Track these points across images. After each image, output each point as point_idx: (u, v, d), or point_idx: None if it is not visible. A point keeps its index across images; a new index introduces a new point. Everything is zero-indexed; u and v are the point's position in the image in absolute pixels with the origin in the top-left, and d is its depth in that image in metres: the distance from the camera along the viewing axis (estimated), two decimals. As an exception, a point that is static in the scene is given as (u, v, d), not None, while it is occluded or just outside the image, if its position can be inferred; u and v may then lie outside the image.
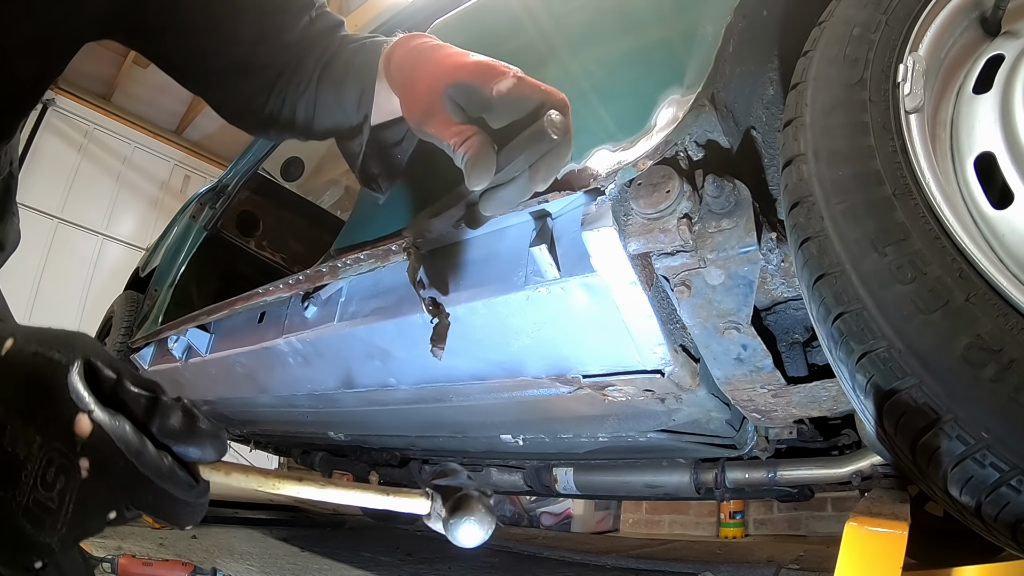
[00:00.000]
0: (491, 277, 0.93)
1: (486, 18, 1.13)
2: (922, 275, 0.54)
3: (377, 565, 1.87)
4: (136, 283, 2.70)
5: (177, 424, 0.37)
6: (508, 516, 3.87)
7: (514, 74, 0.55)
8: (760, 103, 0.87)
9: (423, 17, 1.52)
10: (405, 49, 0.66)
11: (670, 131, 0.74)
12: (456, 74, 0.56)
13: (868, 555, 0.55)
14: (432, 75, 0.57)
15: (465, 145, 0.53)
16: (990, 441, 0.49)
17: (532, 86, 0.55)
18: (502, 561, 2.12)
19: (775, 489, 1.20)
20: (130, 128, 5.84)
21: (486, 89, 0.54)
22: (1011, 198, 0.58)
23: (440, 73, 0.57)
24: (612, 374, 0.93)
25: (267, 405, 1.78)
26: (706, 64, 0.73)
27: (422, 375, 1.17)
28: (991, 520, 0.51)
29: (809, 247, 0.62)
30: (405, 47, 0.66)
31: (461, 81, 0.55)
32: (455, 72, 0.56)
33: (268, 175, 2.56)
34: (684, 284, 0.79)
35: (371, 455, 2.13)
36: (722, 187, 0.74)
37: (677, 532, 3.39)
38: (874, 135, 0.61)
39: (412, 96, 0.60)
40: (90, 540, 1.71)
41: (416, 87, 0.59)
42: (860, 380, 0.57)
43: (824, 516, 2.93)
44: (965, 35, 0.68)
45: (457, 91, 0.55)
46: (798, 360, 0.94)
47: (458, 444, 1.60)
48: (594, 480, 1.46)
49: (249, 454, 3.21)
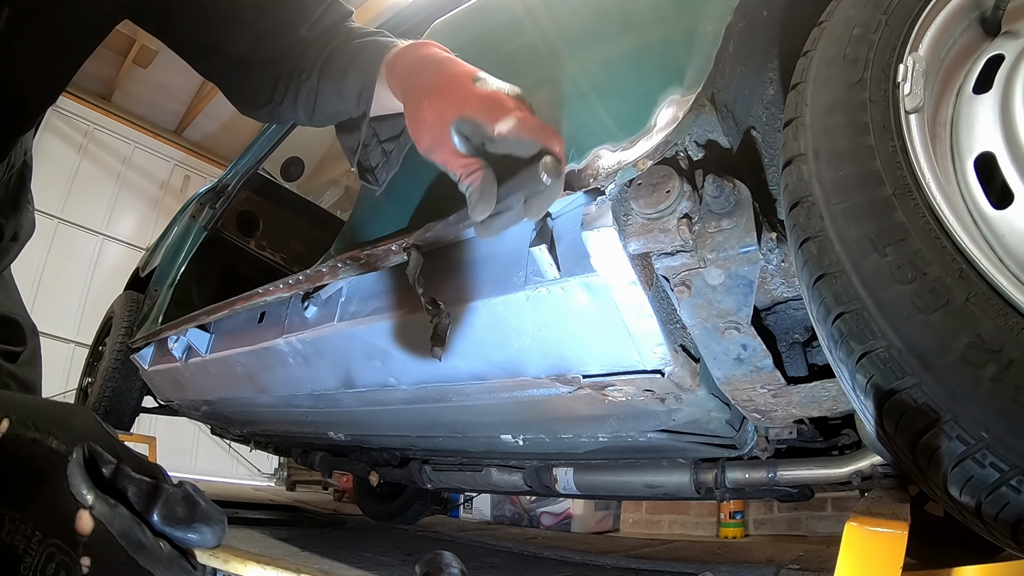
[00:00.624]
0: (491, 277, 0.93)
1: (486, 18, 1.12)
2: (922, 275, 0.54)
3: (377, 565, 1.86)
4: (136, 283, 2.70)
5: (179, 512, 0.37)
6: (508, 516, 3.87)
7: (516, 112, 0.57)
8: (760, 103, 0.87)
9: (423, 17, 1.52)
10: (410, 60, 0.66)
11: (670, 131, 0.74)
12: (461, 109, 0.58)
13: (868, 555, 0.55)
14: (438, 107, 0.59)
15: (471, 178, 0.56)
16: (990, 441, 0.49)
17: (531, 129, 0.57)
18: (502, 561, 2.12)
19: (775, 489, 1.20)
20: (130, 128, 5.84)
21: (488, 128, 0.56)
22: (1011, 198, 0.58)
23: (445, 106, 0.59)
24: (612, 374, 0.93)
25: (267, 405, 1.78)
26: (706, 64, 0.73)
27: (422, 375, 1.17)
28: (991, 520, 0.51)
29: (809, 247, 0.62)
30: (410, 57, 0.66)
31: (466, 117, 0.57)
32: (460, 107, 0.58)
33: (268, 175, 2.56)
34: (684, 284, 0.79)
35: (371, 455, 2.13)
36: (722, 187, 0.74)
37: (677, 532, 3.39)
38: (874, 135, 0.61)
39: (418, 122, 0.61)
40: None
41: (422, 114, 0.60)
42: (860, 380, 0.57)
43: (824, 516, 2.93)
44: (965, 35, 0.68)
45: (462, 124, 0.58)
46: (798, 360, 0.94)
47: (458, 444, 1.60)
48: (594, 480, 1.45)
49: (249, 454, 3.21)
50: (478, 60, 0.64)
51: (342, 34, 0.76)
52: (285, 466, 6.21)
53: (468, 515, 4.10)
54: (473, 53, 1.02)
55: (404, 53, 0.68)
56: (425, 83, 0.62)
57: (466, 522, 3.94)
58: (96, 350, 2.90)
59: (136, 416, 2.71)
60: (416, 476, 1.88)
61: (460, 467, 1.80)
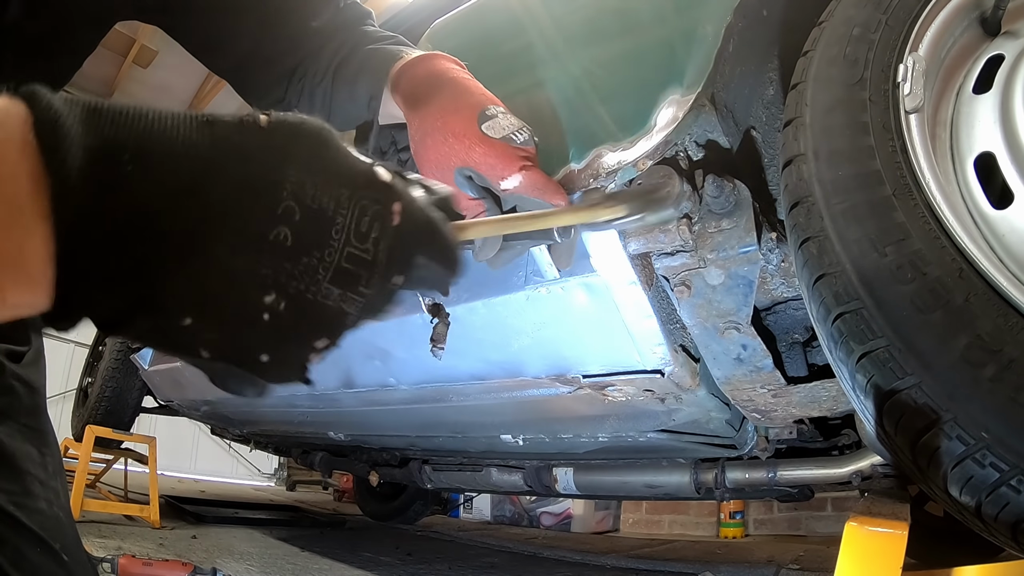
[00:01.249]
0: (491, 277, 0.93)
1: (486, 18, 1.12)
2: (922, 275, 0.54)
3: (377, 565, 1.87)
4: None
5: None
6: (508, 516, 3.87)
7: (523, 170, 0.56)
8: (760, 103, 0.87)
9: (423, 17, 1.52)
10: (416, 77, 0.63)
11: (670, 131, 0.74)
12: (465, 159, 0.57)
13: (868, 555, 0.55)
14: (441, 152, 0.58)
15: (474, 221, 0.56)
16: (990, 441, 0.49)
17: (537, 187, 0.56)
18: (502, 561, 2.12)
19: (775, 489, 1.21)
20: (130, 128, 5.83)
21: (493, 181, 0.56)
22: (1011, 198, 0.58)
23: (449, 152, 0.57)
24: (612, 374, 0.93)
25: (267, 405, 1.78)
26: (706, 64, 0.73)
27: (422, 375, 1.17)
28: (991, 520, 0.51)
29: (809, 247, 0.62)
30: (416, 74, 0.64)
31: (469, 167, 0.57)
32: (464, 156, 0.57)
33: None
34: (684, 284, 0.79)
35: (371, 455, 2.13)
36: (722, 187, 0.74)
37: (677, 532, 3.39)
38: (874, 135, 0.61)
39: (421, 158, 0.60)
40: (90, 540, 1.71)
41: (426, 153, 0.59)
42: (860, 380, 0.57)
43: (824, 516, 2.93)
44: (965, 35, 0.68)
45: (466, 170, 0.57)
46: (798, 360, 0.94)
47: (458, 444, 1.60)
48: (594, 480, 1.46)
49: (249, 454, 3.21)
50: (478, 60, 0.64)
51: (357, 36, 0.74)
52: (285, 466, 6.22)
53: (468, 515, 4.11)
54: (473, 53, 1.02)
55: (410, 68, 0.65)
56: (431, 115, 0.59)
57: (466, 522, 3.94)
58: (96, 350, 2.91)
59: (136, 416, 2.72)
60: (416, 476, 1.88)
61: (460, 467, 1.80)
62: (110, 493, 2.68)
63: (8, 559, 0.53)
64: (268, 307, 0.29)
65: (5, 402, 0.61)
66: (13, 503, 0.56)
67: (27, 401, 0.63)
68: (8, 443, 0.58)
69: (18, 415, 0.61)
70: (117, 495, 2.65)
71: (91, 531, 1.91)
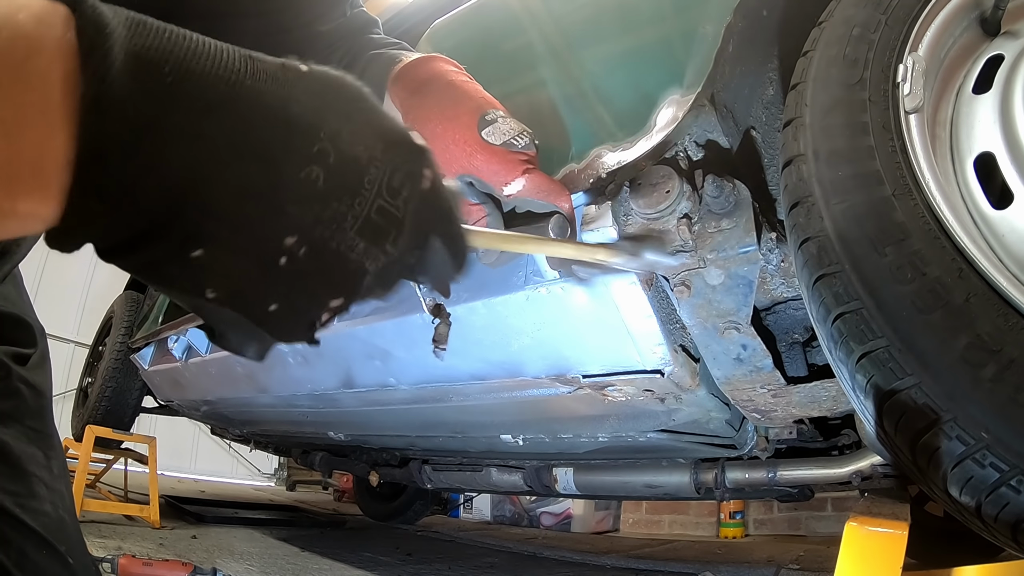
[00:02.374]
0: (491, 277, 0.93)
1: (486, 18, 1.12)
2: (922, 275, 0.54)
3: (377, 565, 1.87)
4: (136, 283, 2.70)
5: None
6: (508, 516, 3.87)
7: (525, 173, 0.56)
8: (760, 103, 0.87)
9: (423, 17, 1.52)
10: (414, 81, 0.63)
11: (670, 131, 0.74)
12: (466, 166, 0.57)
13: (868, 555, 0.55)
14: (442, 160, 0.57)
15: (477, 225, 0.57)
16: (990, 441, 0.49)
17: (540, 190, 0.57)
18: (502, 561, 2.12)
19: (775, 489, 1.21)
20: (130, 128, 5.83)
21: (495, 188, 0.57)
22: (1011, 198, 0.58)
23: (450, 159, 0.57)
24: (612, 374, 0.93)
25: (267, 405, 1.78)
26: (706, 64, 0.73)
27: (422, 375, 1.17)
28: (991, 520, 0.51)
29: (809, 247, 0.62)
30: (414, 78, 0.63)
31: (471, 175, 0.57)
32: (465, 164, 0.57)
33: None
34: (684, 284, 0.79)
35: (371, 455, 2.13)
36: (722, 187, 0.74)
37: (677, 532, 3.39)
38: (874, 135, 0.61)
39: None
40: (90, 540, 1.71)
41: None
42: (860, 380, 0.57)
43: (824, 516, 2.93)
44: (965, 35, 0.68)
45: (467, 177, 0.57)
46: (798, 360, 0.94)
47: (458, 444, 1.60)
48: (594, 480, 1.46)
49: (249, 454, 3.20)
50: (478, 60, 0.64)
51: (362, 43, 0.74)
52: (285, 466, 6.22)
53: (468, 515, 4.11)
54: (473, 53, 1.02)
55: (407, 71, 0.64)
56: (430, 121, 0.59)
57: (466, 522, 3.94)
58: (96, 350, 2.91)
59: (136, 416, 2.72)
60: (416, 476, 1.88)
61: (460, 467, 1.80)
62: (110, 493, 2.68)
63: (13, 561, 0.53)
64: (288, 250, 0.27)
65: (11, 405, 0.61)
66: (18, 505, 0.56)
67: (33, 404, 0.63)
68: (14, 446, 0.58)
69: (24, 418, 0.61)
70: (117, 495, 2.65)
71: (91, 531, 1.91)
